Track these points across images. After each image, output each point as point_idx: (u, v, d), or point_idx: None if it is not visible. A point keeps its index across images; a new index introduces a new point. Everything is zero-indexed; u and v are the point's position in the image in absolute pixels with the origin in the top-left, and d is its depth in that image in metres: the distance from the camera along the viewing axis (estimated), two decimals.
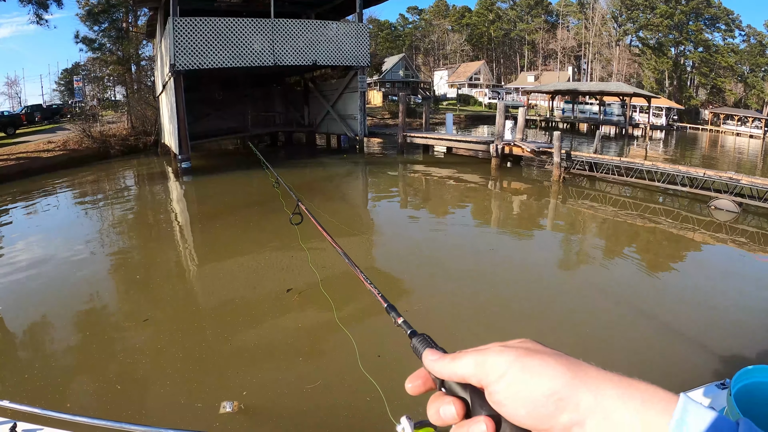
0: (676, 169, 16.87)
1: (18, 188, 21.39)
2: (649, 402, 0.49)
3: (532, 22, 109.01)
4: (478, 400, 0.55)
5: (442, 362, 0.59)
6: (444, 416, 0.57)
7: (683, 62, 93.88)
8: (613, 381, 0.52)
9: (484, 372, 0.55)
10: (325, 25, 24.86)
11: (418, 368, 0.64)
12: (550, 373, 0.52)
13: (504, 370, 0.54)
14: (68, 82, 64.32)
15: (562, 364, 0.53)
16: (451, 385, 0.58)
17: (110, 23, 37.14)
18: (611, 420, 0.49)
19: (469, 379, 0.56)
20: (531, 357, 0.54)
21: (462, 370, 0.57)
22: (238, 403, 5.37)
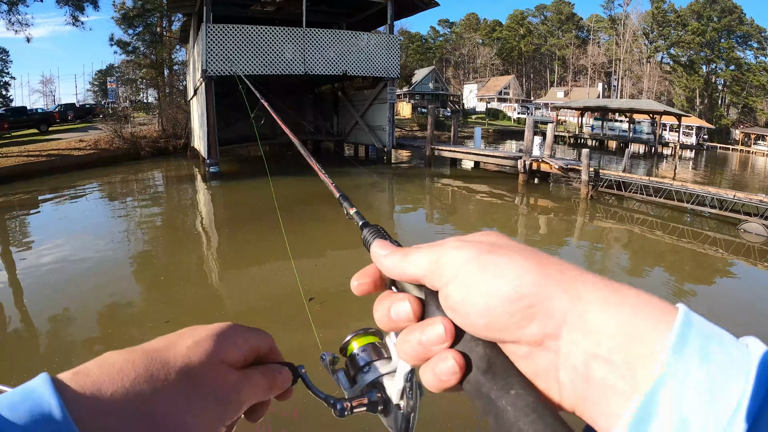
0: (705, 190, 16.63)
1: (48, 185, 21.75)
2: (641, 310, 0.38)
3: (562, 38, 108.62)
4: (435, 301, 0.46)
5: (392, 258, 0.49)
6: (396, 316, 0.48)
7: (714, 80, 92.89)
8: (595, 283, 0.41)
9: (438, 271, 0.45)
10: (356, 35, 24.96)
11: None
12: (515, 272, 0.41)
13: (459, 268, 0.43)
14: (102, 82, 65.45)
15: (531, 261, 0.42)
16: (404, 284, 0.49)
17: (145, 27, 37.77)
18: (592, 331, 0.38)
19: (422, 280, 0.46)
20: (493, 253, 0.43)
21: (413, 269, 0.47)
22: None
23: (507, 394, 0.40)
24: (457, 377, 0.43)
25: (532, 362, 0.42)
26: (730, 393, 0.33)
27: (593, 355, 0.38)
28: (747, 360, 0.35)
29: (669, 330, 0.36)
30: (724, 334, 0.36)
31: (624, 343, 0.37)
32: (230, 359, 0.54)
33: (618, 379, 0.37)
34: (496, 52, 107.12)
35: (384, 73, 25.52)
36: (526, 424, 0.38)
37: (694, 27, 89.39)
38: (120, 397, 0.43)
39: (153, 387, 0.46)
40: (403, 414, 0.53)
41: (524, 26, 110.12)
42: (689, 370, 0.35)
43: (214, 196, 20.05)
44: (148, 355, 0.49)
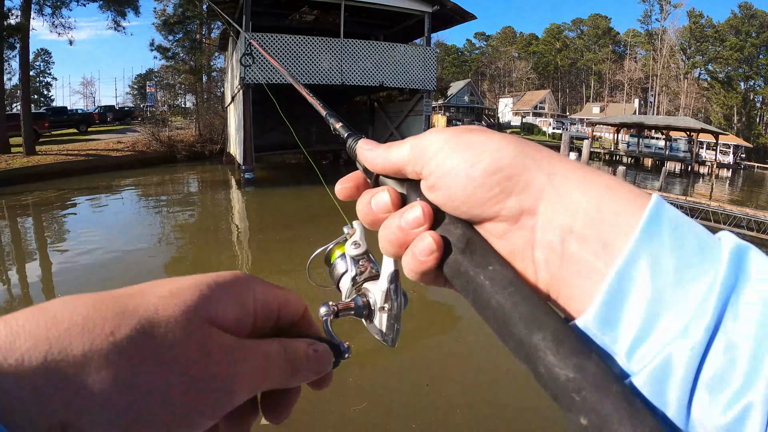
0: (743, 211, 16.27)
1: (85, 183, 22.18)
2: (616, 191, 0.38)
3: (599, 52, 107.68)
4: (415, 192, 0.47)
5: (377, 151, 0.49)
6: (376, 206, 0.47)
7: (753, 98, 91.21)
8: (571, 162, 0.41)
9: (419, 154, 0.45)
10: (393, 47, 25.01)
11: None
12: (493, 147, 0.42)
13: (440, 146, 0.43)
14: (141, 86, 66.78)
15: (509, 141, 0.42)
16: (387, 182, 0.50)
17: (184, 34, 38.28)
18: (567, 206, 0.39)
19: (405, 168, 0.46)
20: (472, 133, 0.44)
21: (396, 155, 0.47)
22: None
23: (485, 270, 0.40)
24: (436, 257, 0.42)
25: (509, 242, 0.42)
26: (700, 277, 0.34)
27: (568, 231, 0.38)
28: (718, 248, 0.35)
29: (642, 211, 0.36)
30: (697, 224, 0.37)
31: (598, 220, 0.37)
32: (224, 318, 0.40)
33: (591, 255, 0.37)
34: (531, 66, 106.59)
35: (420, 85, 25.51)
36: (503, 297, 0.38)
37: (732, 42, 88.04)
38: (38, 355, 0.31)
39: (89, 344, 0.32)
40: (387, 317, 0.53)
41: (560, 40, 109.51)
42: (661, 250, 0.35)
43: (248, 202, 20.21)
44: (99, 300, 0.35)
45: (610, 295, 0.35)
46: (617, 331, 0.35)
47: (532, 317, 0.37)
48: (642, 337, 0.34)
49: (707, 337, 0.32)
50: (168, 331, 0.35)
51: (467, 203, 0.42)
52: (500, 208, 0.41)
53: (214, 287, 0.41)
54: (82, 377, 0.31)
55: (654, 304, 0.34)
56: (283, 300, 0.46)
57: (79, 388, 0.31)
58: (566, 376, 0.34)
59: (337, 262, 0.58)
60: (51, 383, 0.30)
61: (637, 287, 0.35)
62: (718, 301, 0.33)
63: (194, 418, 0.36)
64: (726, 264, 0.34)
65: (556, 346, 0.35)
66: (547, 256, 0.39)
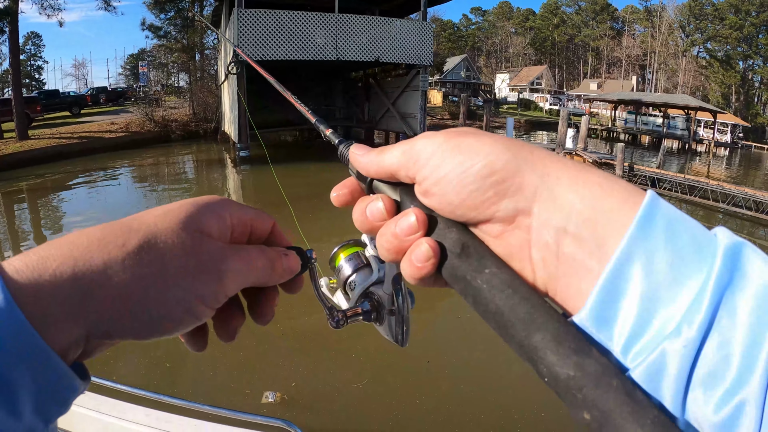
0: (742, 191, 16.15)
1: (80, 166, 22.01)
2: (609, 188, 0.39)
3: (597, 28, 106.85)
4: (408, 197, 0.47)
5: (369, 156, 0.49)
6: (371, 215, 0.48)
7: (751, 77, 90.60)
8: (564, 162, 0.42)
9: (412, 159, 0.45)
10: (388, 22, 24.66)
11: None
12: (486, 150, 0.42)
13: (432, 151, 0.44)
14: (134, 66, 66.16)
15: (501, 142, 0.43)
16: (380, 187, 0.50)
17: (176, 12, 37.85)
18: (561, 206, 0.39)
19: (398, 172, 0.47)
20: (464, 136, 0.44)
21: (389, 160, 0.47)
22: (281, 394, 5.38)
23: (481, 274, 0.41)
24: (433, 263, 0.43)
25: (505, 242, 0.42)
26: (695, 274, 0.34)
27: (563, 231, 0.39)
28: (713, 245, 0.35)
29: (636, 209, 0.37)
30: (692, 220, 0.37)
31: (592, 219, 0.38)
32: (209, 230, 0.47)
33: (586, 254, 0.38)
34: (529, 42, 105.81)
35: (416, 60, 25.17)
36: (501, 299, 0.39)
37: (731, 21, 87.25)
38: (68, 269, 0.39)
39: (107, 255, 0.41)
40: (396, 319, 0.54)
41: (558, 16, 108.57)
42: (655, 248, 0.35)
43: (244, 181, 20.05)
44: (108, 225, 0.44)
45: (604, 293, 0.35)
46: (612, 328, 0.35)
47: (531, 318, 0.37)
48: (637, 334, 0.35)
49: (701, 334, 0.32)
50: (167, 238, 0.44)
51: (462, 207, 0.42)
52: (495, 210, 0.41)
53: (198, 206, 0.48)
54: (104, 280, 0.40)
55: (648, 301, 0.34)
56: (254, 215, 0.52)
57: (104, 289, 0.39)
58: (567, 375, 0.34)
59: (342, 265, 0.60)
60: (80, 290, 0.38)
61: (632, 285, 0.35)
62: (711, 298, 0.33)
63: (196, 304, 0.44)
64: (720, 261, 0.34)
65: (555, 346, 0.35)
66: (543, 256, 0.40)
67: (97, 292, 0.39)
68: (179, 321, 0.44)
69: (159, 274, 0.42)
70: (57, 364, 0.37)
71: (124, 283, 0.40)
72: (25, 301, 0.36)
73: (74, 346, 0.39)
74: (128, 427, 2.76)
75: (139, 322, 0.41)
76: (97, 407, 2.79)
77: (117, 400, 2.83)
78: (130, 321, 0.41)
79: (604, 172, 0.41)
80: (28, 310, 0.35)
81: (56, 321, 0.37)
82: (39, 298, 0.37)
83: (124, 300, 0.40)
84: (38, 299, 0.37)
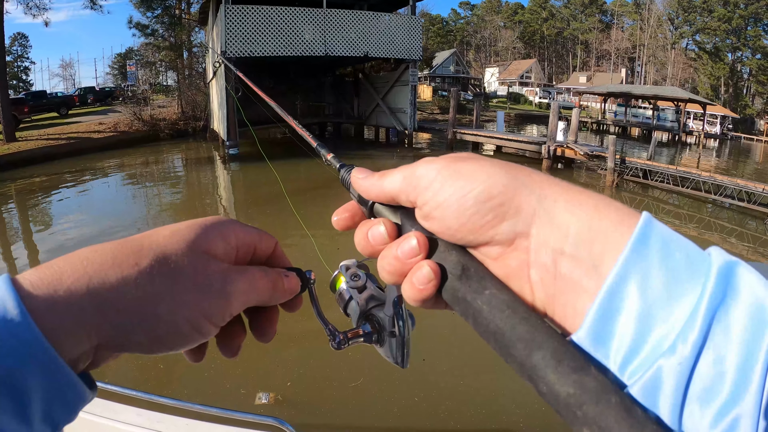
0: (733, 182, 16.14)
1: (68, 167, 21.76)
2: (604, 210, 0.40)
3: (585, 21, 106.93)
4: (409, 221, 0.48)
5: (370, 180, 0.51)
6: (373, 239, 0.49)
7: (740, 69, 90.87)
8: (561, 184, 0.43)
9: (412, 184, 0.46)
10: (377, 16, 24.59)
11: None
12: (484, 175, 0.43)
13: (433, 176, 0.45)
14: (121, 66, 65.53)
15: (499, 167, 0.44)
16: (381, 210, 0.51)
17: (163, 9, 37.58)
18: (558, 227, 0.40)
19: (398, 196, 0.48)
20: (463, 162, 0.45)
21: (390, 185, 0.48)
22: (274, 394, 5.34)
23: (481, 295, 0.42)
24: (434, 284, 0.44)
25: (504, 263, 0.43)
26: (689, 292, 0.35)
27: (560, 252, 0.39)
28: (707, 264, 0.36)
29: (631, 229, 0.38)
30: (686, 240, 0.38)
31: (588, 240, 0.39)
32: (215, 251, 0.50)
33: (583, 275, 0.38)
34: (518, 36, 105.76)
35: (406, 54, 25.14)
36: (501, 320, 0.40)
37: (720, 13, 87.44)
38: (82, 285, 0.41)
39: (120, 273, 0.43)
40: (396, 341, 0.56)
41: (547, 9, 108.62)
42: (649, 268, 0.36)
43: (234, 178, 19.94)
44: (120, 243, 0.46)
45: (601, 312, 0.36)
46: (609, 346, 0.36)
47: (530, 338, 0.38)
48: (633, 351, 0.35)
49: (696, 351, 0.33)
50: (177, 259, 0.46)
51: (462, 231, 0.43)
52: (494, 233, 0.42)
53: (205, 227, 0.50)
54: (118, 297, 0.42)
55: (644, 320, 0.35)
56: (257, 237, 0.54)
57: (118, 305, 0.42)
58: (567, 393, 0.35)
59: (342, 289, 0.61)
60: (94, 305, 0.41)
61: (627, 304, 0.36)
62: (705, 316, 0.33)
63: (202, 322, 0.47)
64: (714, 279, 0.35)
65: (555, 364, 0.36)
66: (541, 276, 0.41)
67: (110, 307, 0.42)
68: (186, 337, 0.47)
69: (169, 293, 0.44)
70: (68, 374, 0.39)
71: (136, 301, 0.43)
72: (40, 314, 0.38)
73: (84, 358, 0.42)
74: (120, 428, 2.73)
75: (149, 338, 0.44)
76: (90, 408, 2.73)
77: (108, 401, 2.80)
78: (141, 336, 0.44)
79: (599, 194, 0.42)
80: (42, 323, 0.37)
81: (69, 334, 0.39)
82: (54, 311, 0.39)
83: (135, 316, 0.43)
84: (53, 313, 0.39)
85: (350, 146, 28.24)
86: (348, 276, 0.60)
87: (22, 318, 0.37)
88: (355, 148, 27.27)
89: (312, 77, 32.95)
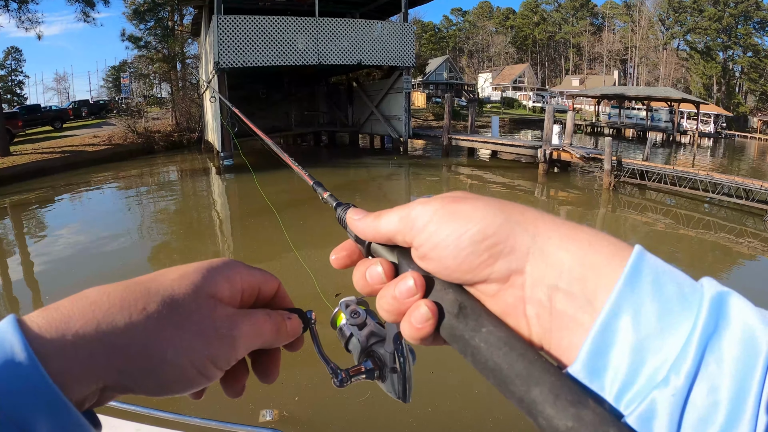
0: (731, 180, 16.11)
1: (63, 181, 21.72)
2: (597, 245, 0.41)
3: (577, 25, 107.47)
4: (406, 260, 0.49)
5: (366, 220, 0.52)
6: (371, 278, 0.50)
7: (732, 67, 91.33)
8: (554, 221, 0.44)
9: (408, 225, 0.47)
10: (370, 24, 24.60)
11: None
12: (479, 215, 0.44)
13: (428, 218, 0.46)
14: (115, 78, 65.48)
15: (493, 206, 0.45)
16: (378, 249, 0.52)
17: (156, 22, 37.46)
18: (552, 264, 0.41)
19: (395, 237, 0.49)
20: (458, 202, 0.46)
21: (386, 226, 0.49)
22: (278, 411, 5.21)
23: (479, 333, 0.42)
24: (432, 323, 0.45)
25: (501, 300, 0.44)
26: (681, 324, 0.36)
27: (555, 288, 0.40)
28: (699, 295, 0.37)
29: (624, 263, 0.38)
30: (679, 272, 0.39)
31: (582, 276, 0.40)
32: (221, 294, 0.51)
33: (578, 311, 0.39)
34: (510, 41, 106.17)
35: (399, 62, 25.14)
36: (498, 357, 0.40)
37: (710, 13, 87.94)
38: (91, 330, 0.41)
39: (129, 318, 0.44)
40: (398, 376, 0.56)
41: (538, 14, 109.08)
42: (642, 301, 0.37)
43: (229, 189, 19.86)
44: (127, 286, 0.46)
45: (595, 346, 0.37)
46: (604, 378, 0.37)
47: (528, 374, 0.38)
48: (627, 383, 0.36)
49: (689, 382, 0.34)
50: (184, 304, 0.47)
51: (459, 270, 0.44)
52: (490, 272, 0.43)
53: (212, 270, 0.51)
54: (126, 342, 0.43)
55: (637, 352, 0.36)
56: (261, 279, 0.55)
57: (126, 350, 0.42)
58: (566, 426, 0.35)
59: (342, 326, 0.62)
60: (102, 350, 0.41)
61: (621, 337, 0.37)
62: (698, 347, 0.34)
63: (208, 367, 0.47)
64: (706, 311, 0.35)
65: (553, 399, 0.36)
66: (537, 312, 0.41)
67: (118, 353, 0.42)
68: (192, 382, 0.47)
69: (177, 339, 0.45)
70: (74, 415, 0.39)
71: (143, 346, 0.43)
72: (49, 358, 0.38)
73: (90, 398, 0.42)
74: None
75: (155, 382, 0.45)
76: None
77: (107, 416, 2.75)
78: (147, 380, 0.44)
79: (592, 229, 0.43)
80: (50, 367, 0.38)
81: (77, 378, 0.40)
82: (62, 356, 0.39)
83: (142, 361, 0.43)
84: (61, 357, 0.39)
85: (346, 155, 28.22)
86: (348, 313, 0.60)
87: (30, 362, 0.37)
88: (350, 157, 27.24)
89: (306, 86, 32.94)
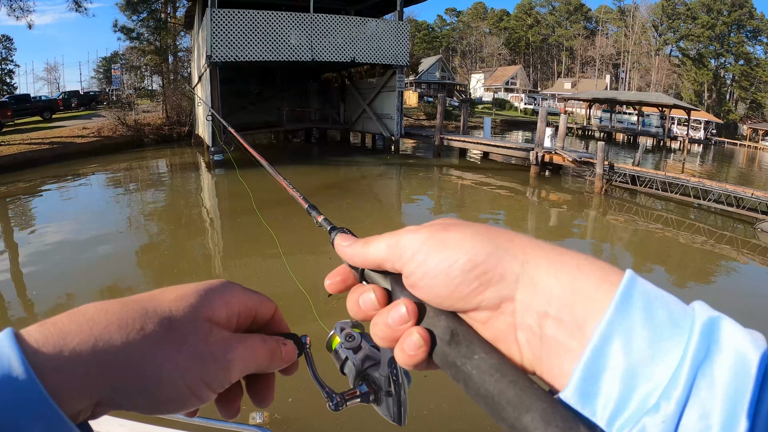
0: (722, 187, 16.15)
1: (50, 172, 21.46)
2: (586, 270, 0.41)
3: (570, 28, 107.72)
4: (399, 286, 0.49)
5: (354, 247, 0.53)
6: (364, 305, 0.50)
7: (723, 75, 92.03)
8: (543, 247, 0.44)
9: (397, 253, 0.47)
10: (364, 22, 24.52)
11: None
12: (468, 244, 0.44)
13: (417, 247, 0.46)
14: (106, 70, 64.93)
15: (482, 234, 0.45)
16: (372, 275, 0.52)
17: (149, 13, 37.18)
18: (541, 291, 0.41)
19: (383, 264, 0.49)
20: (447, 231, 0.46)
21: (374, 254, 0.50)
22: (269, 414, 5.12)
23: (471, 360, 0.43)
24: (424, 350, 0.45)
25: (492, 327, 0.44)
26: (672, 349, 0.36)
27: (544, 314, 0.40)
28: (690, 320, 0.37)
29: (614, 289, 0.38)
30: (670, 296, 0.39)
31: (571, 302, 0.40)
32: (218, 318, 0.51)
33: (568, 337, 0.39)
34: (503, 42, 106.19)
35: (393, 60, 25.07)
36: (490, 384, 0.40)
37: (703, 20, 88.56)
38: (88, 347, 0.42)
39: (126, 337, 0.44)
40: (393, 400, 0.57)
41: (532, 16, 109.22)
42: (633, 326, 0.37)
43: (218, 185, 19.71)
44: (125, 304, 0.47)
45: (586, 372, 0.37)
46: (595, 404, 0.36)
47: (519, 400, 0.38)
48: (619, 409, 0.36)
49: (679, 408, 0.33)
50: (181, 326, 0.47)
51: (449, 299, 0.44)
52: (481, 300, 0.43)
53: (209, 292, 0.52)
54: (122, 361, 0.43)
55: (628, 379, 0.36)
56: (258, 302, 0.56)
57: (122, 368, 0.43)
58: None
59: (338, 349, 0.61)
60: (99, 367, 0.42)
61: (611, 363, 0.36)
62: (689, 373, 0.34)
63: (202, 389, 0.48)
64: (697, 336, 0.35)
65: (544, 426, 0.36)
66: (528, 338, 0.42)
67: (114, 371, 0.42)
68: (185, 402, 0.48)
69: (172, 360, 0.46)
70: (70, 428, 0.39)
71: (139, 365, 0.44)
72: (46, 373, 0.39)
73: (84, 412, 0.43)
74: None
75: (148, 400, 0.45)
76: None
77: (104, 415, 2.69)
78: (141, 399, 0.45)
79: (581, 254, 0.43)
80: (47, 382, 0.38)
81: (73, 392, 0.40)
82: (59, 372, 0.40)
83: (137, 379, 0.44)
84: (58, 373, 0.40)
85: (337, 152, 28.06)
86: (343, 337, 0.60)
87: (27, 376, 0.38)
88: (341, 154, 27.10)
89: (298, 82, 32.81)
